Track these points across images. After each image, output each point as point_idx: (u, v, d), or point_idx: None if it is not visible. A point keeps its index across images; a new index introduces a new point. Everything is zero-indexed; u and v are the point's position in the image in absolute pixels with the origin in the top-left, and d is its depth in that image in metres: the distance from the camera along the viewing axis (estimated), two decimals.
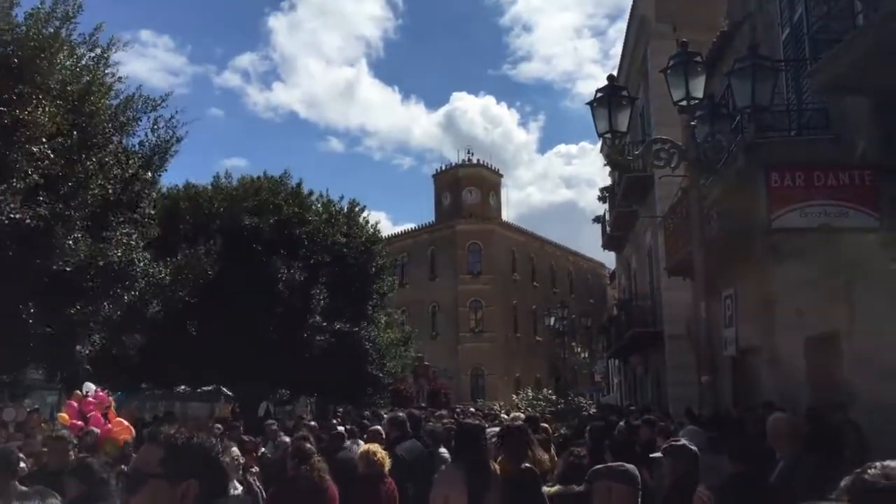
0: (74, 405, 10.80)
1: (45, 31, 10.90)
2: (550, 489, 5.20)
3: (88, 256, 11.40)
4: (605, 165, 26.96)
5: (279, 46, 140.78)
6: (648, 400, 21.92)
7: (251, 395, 23.55)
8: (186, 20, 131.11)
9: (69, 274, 11.27)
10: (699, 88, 8.46)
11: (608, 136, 8.41)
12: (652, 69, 17.98)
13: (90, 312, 12.25)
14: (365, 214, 26.12)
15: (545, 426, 10.23)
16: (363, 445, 6.49)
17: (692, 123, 8.62)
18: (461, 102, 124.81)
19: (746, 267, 11.21)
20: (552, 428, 11.88)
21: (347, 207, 25.58)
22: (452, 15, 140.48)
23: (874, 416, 7.16)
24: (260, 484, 6.74)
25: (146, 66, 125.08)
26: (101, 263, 11.76)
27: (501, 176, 64.31)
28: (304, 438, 7.57)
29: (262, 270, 20.50)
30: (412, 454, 7.12)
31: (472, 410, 22.47)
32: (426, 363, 33.02)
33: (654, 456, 4.18)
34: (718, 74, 11.75)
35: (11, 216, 10.09)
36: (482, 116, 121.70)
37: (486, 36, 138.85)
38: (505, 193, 64.79)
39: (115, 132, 12.51)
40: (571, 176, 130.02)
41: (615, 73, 24.49)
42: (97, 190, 11.37)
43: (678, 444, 4.21)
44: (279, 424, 14.50)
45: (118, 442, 10.55)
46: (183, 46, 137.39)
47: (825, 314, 8.64)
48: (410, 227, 64.24)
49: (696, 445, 6.35)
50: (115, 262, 12.08)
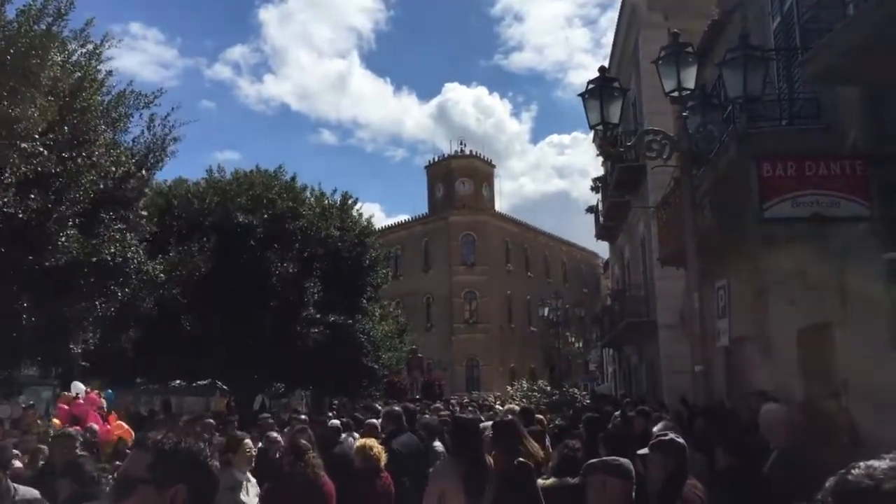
0: (65, 408, 10.75)
1: (36, 27, 10.83)
2: (545, 482, 5.22)
3: (81, 253, 11.35)
4: (597, 156, 26.98)
5: (270, 38, 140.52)
6: (643, 389, 22.01)
7: (246, 388, 23.55)
8: (176, 13, 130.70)
9: (62, 270, 11.22)
10: (691, 79, 8.47)
11: (600, 127, 8.41)
12: (643, 58, 17.97)
13: (84, 309, 12.22)
14: (358, 207, 26.13)
15: (540, 417, 10.26)
16: (360, 440, 6.49)
17: (684, 114, 8.62)
18: (453, 93, 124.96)
19: (739, 257, 11.24)
20: (547, 419, 11.91)
21: (340, 200, 25.54)
22: (444, 5, 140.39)
23: (867, 404, 7.21)
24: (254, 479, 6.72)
25: (136, 59, 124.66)
26: (93, 260, 11.72)
27: (494, 166, 64.40)
28: (302, 431, 7.59)
29: (255, 265, 20.46)
30: (408, 448, 7.16)
31: (467, 402, 22.56)
32: (420, 355, 33.02)
33: (641, 453, 4.18)
34: (710, 63, 11.75)
35: (3, 210, 10.04)
36: (474, 107, 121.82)
37: (477, 26, 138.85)
38: (498, 184, 65.08)
39: (107, 128, 12.43)
40: (564, 166, 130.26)
41: (606, 62, 24.62)
42: (89, 185, 11.31)
43: (666, 438, 4.22)
44: (275, 418, 14.52)
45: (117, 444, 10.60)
46: (173, 39, 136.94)
47: (817, 304, 8.67)
48: (404, 218, 64.38)
49: None
50: (108, 258, 12.03)
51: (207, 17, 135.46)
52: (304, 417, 13.77)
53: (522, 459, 5.05)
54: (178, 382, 24.39)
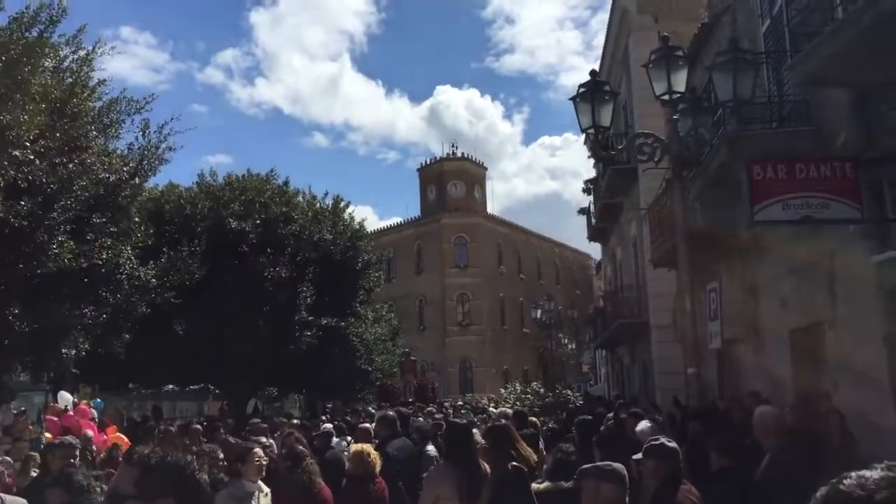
0: (55, 420, 10.68)
1: (28, 34, 10.80)
2: (539, 486, 5.23)
3: (72, 259, 11.31)
4: (589, 157, 27.04)
5: (261, 42, 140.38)
6: (636, 390, 22.05)
7: (239, 392, 23.51)
8: (167, 16, 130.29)
9: (53, 276, 11.19)
10: (681, 82, 8.49)
11: (592, 131, 8.43)
12: (634, 61, 18.02)
13: (75, 315, 12.18)
14: (350, 210, 26.12)
15: (533, 420, 10.27)
16: (354, 445, 6.49)
17: (675, 117, 8.65)
18: (445, 96, 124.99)
19: (730, 259, 11.29)
20: (540, 422, 11.93)
21: (332, 204, 25.53)
22: (435, 8, 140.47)
23: (858, 405, 7.25)
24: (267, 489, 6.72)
25: (128, 63, 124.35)
26: (84, 265, 11.68)
27: (486, 169, 64.39)
28: (289, 437, 7.59)
29: (248, 269, 20.43)
30: (403, 452, 7.16)
31: (460, 405, 22.55)
32: (413, 358, 32.98)
33: (636, 458, 4.19)
34: (700, 66, 11.81)
35: None
36: (466, 109, 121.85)
37: (468, 29, 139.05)
38: (490, 186, 65.09)
39: (98, 134, 12.39)
40: (556, 167, 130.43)
41: (597, 64, 24.69)
42: (80, 192, 11.27)
43: (657, 443, 4.23)
44: (268, 423, 14.47)
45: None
46: (164, 43, 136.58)
47: (808, 305, 8.72)
48: (396, 221, 64.30)
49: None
50: (99, 263, 12.00)
51: (199, 20, 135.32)
52: (296, 422, 13.77)
53: (516, 464, 5.06)
54: (170, 387, 24.32)
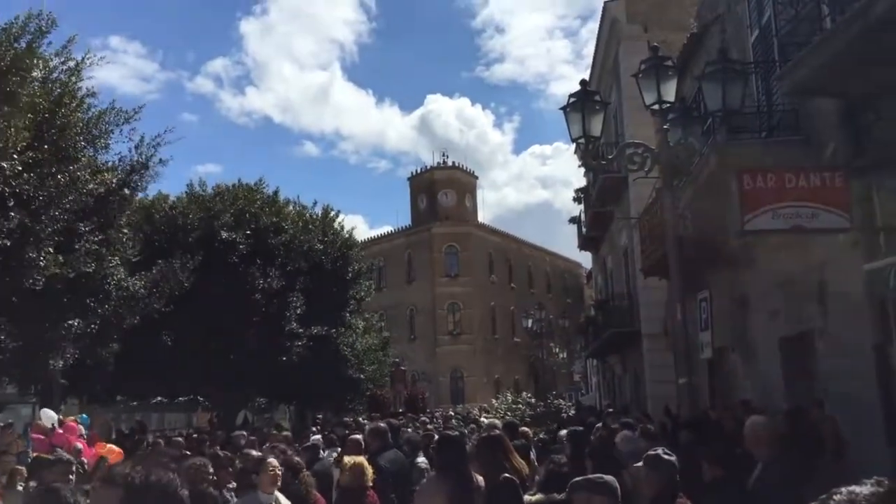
0: (43, 438, 10.59)
1: (17, 45, 10.76)
2: (532, 498, 5.20)
3: (59, 270, 11.22)
4: (579, 166, 27.09)
5: (252, 51, 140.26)
6: (627, 399, 22.05)
7: (229, 404, 23.37)
8: (156, 26, 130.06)
9: (40, 288, 11.09)
10: (671, 92, 8.53)
11: (582, 141, 8.44)
12: (624, 70, 18.11)
13: (62, 325, 12.09)
14: (340, 220, 26.09)
15: (525, 430, 10.23)
16: (347, 457, 6.45)
17: (665, 127, 8.67)
18: (436, 105, 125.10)
19: (720, 268, 11.32)
20: (532, 432, 11.90)
21: (322, 213, 25.49)
22: (425, 17, 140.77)
23: (849, 413, 7.26)
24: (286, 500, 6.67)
25: (117, 72, 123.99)
26: (71, 275, 11.59)
27: (476, 178, 64.53)
28: (273, 449, 7.55)
29: (238, 280, 20.35)
30: (395, 465, 7.12)
31: (451, 415, 22.48)
32: (403, 368, 32.92)
33: (636, 466, 4.18)
34: (689, 76, 11.86)
35: None
36: (457, 118, 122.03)
37: (459, 38, 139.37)
38: (481, 195, 65.02)
39: (87, 145, 12.31)
40: (547, 176, 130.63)
41: (587, 74, 24.77)
42: (69, 205, 11.20)
43: (653, 454, 4.22)
44: (257, 434, 14.36)
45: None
46: (154, 52, 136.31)
47: (799, 314, 8.74)
48: (387, 230, 64.31)
49: (632, 452, 6.43)
50: (87, 271, 11.91)
51: (188, 30, 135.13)
52: (287, 434, 13.67)
53: (508, 475, 5.03)
54: (159, 399, 24.16)
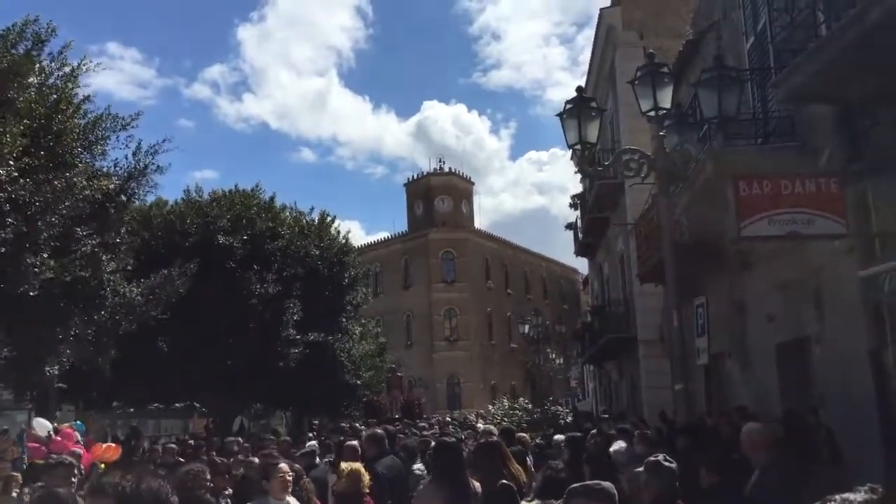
0: (43, 449, 10.61)
1: (13, 51, 10.76)
2: None
3: (54, 275, 11.19)
4: (576, 172, 27.12)
5: (249, 57, 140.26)
6: (623, 405, 22.04)
7: (225, 409, 23.32)
8: (154, 32, 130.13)
9: (36, 294, 11.07)
10: (667, 99, 8.55)
11: (578, 147, 8.46)
12: (620, 76, 18.15)
13: (59, 331, 12.06)
14: (336, 225, 26.09)
15: (523, 436, 10.22)
16: (344, 464, 6.44)
17: (661, 133, 8.70)
18: (432, 111, 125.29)
19: (717, 274, 11.33)
20: (530, 437, 11.89)
21: (318, 219, 25.49)
22: (422, 24, 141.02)
23: (845, 419, 7.27)
24: None
25: (114, 78, 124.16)
26: (67, 279, 11.56)
27: (473, 184, 64.57)
28: (267, 456, 7.53)
29: (234, 285, 20.33)
30: (392, 470, 7.11)
31: (448, 420, 22.47)
32: (399, 374, 32.88)
33: (636, 471, 4.19)
34: (685, 82, 11.89)
35: None
36: (453, 125, 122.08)
37: (456, 45, 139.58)
38: (477, 201, 65.23)
39: (83, 151, 12.29)
40: (543, 182, 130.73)
41: (584, 80, 24.81)
42: (65, 211, 11.18)
43: (654, 460, 4.23)
44: (251, 439, 14.33)
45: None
46: (151, 59, 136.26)
47: (795, 320, 8.76)
48: (383, 236, 64.32)
49: (624, 460, 6.45)
50: (82, 279, 11.88)
51: (186, 36, 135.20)
52: (286, 439, 13.64)
53: (506, 482, 5.03)
54: (155, 405, 24.10)
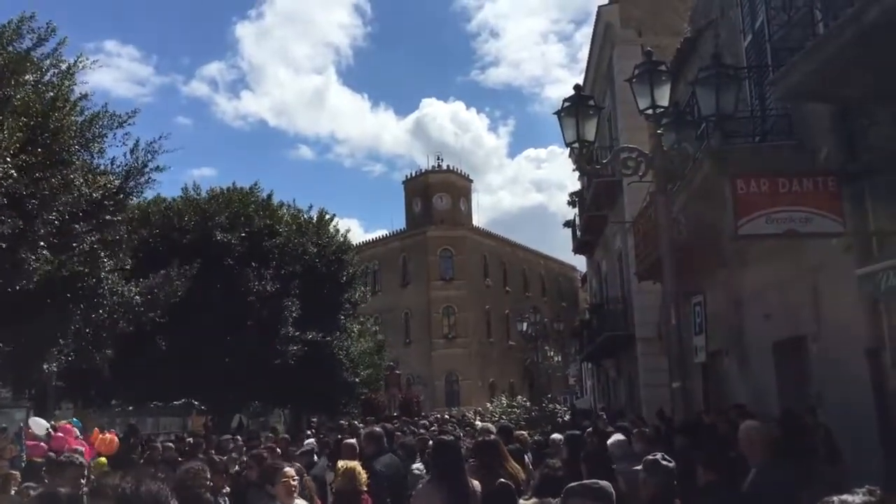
0: (43, 445, 10.66)
1: (10, 48, 10.74)
2: (526, 502, 5.20)
3: (52, 270, 11.20)
4: (574, 170, 27.13)
5: (247, 55, 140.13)
6: (621, 403, 22.06)
7: (224, 407, 23.32)
8: (152, 29, 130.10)
9: (33, 291, 11.07)
10: (664, 97, 8.54)
11: (576, 145, 8.45)
12: (618, 74, 18.14)
13: (57, 328, 12.07)
14: (335, 223, 26.08)
15: (521, 435, 10.22)
16: (341, 462, 6.44)
17: (658, 132, 8.69)
18: (431, 108, 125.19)
19: (714, 272, 11.34)
20: (528, 434, 11.88)
21: (317, 217, 25.48)
22: (420, 21, 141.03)
23: (842, 418, 7.28)
24: None
25: (111, 76, 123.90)
26: (65, 275, 11.56)
27: (471, 181, 64.56)
28: (257, 456, 7.55)
29: (233, 283, 20.32)
30: (390, 468, 7.11)
31: (446, 418, 22.47)
32: (398, 371, 32.90)
33: (636, 469, 4.20)
34: (683, 80, 11.89)
35: None
36: (452, 122, 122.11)
37: (454, 42, 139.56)
38: (476, 198, 65.26)
39: (81, 149, 12.28)
40: (542, 179, 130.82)
41: (582, 78, 24.82)
42: (62, 207, 11.18)
43: (652, 459, 4.24)
44: (246, 437, 14.37)
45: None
46: (149, 56, 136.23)
47: (792, 318, 8.77)
48: (382, 233, 64.30)
49: (620, 455, 6.46)
50: (80, 275, 11.88)
51: (184, 33, 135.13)
52: (286, 437, 13.68)
53: (504, 480, 5.04)
54: (154, 403, 24.09)
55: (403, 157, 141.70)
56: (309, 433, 15.04)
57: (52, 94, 11.79)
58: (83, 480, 5.49)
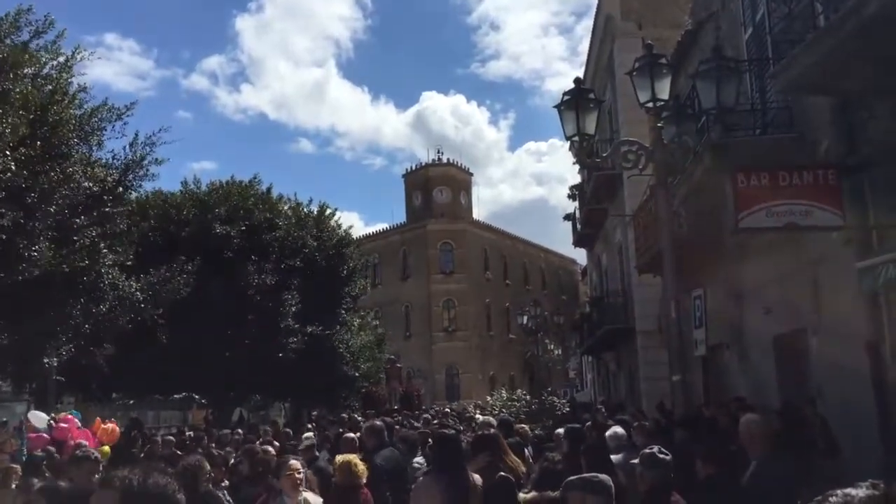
0: (45, 436, 10.68)
1: (8, 41, 10.72)
2: (526, 496, 5.21)
3: (53, 264, 11.19)
4: (574, 163, 27.09)
5: (247, 48, 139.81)
6: (622, 396, 22.09)
7: (224, 401, 23.35)
8: (152, 23, 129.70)
9: (34, 285, 11.07)
10: (665, 90, 8.52)
11: (576, 138, 8.44)
12: (618, 67, 18.11)
13: (57, 322, 12.07)
14: (336, 218, 26.06)
15: (522, 428, 10.23)
16: (339, 456, 6.44)
17: (659, 125, 8.68)
18: (431, 102, 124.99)
19: (715, 265, 11.34)
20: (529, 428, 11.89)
21: (317, 210, 25.46)
22: (421, 14, 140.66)
23: (841, 411, 7.29)
24: (230, 498, 6.62)
25: (112, 69, 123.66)
26: (66, 269, 11.56)
27: (472, 175, 64.47)
28: (249, 451, 7.56)
29: (233, 277, 20.31)
30: (390, 462, 7.12)
31: (447, 411, 22.49)
32: (399, 365, 32.92)
33: (632, 462, 4.20)
34: (683, 73, 11.86)
35: None
36: (452, 115, 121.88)
37: (454, 35, 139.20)
38: (476, 192, 65.19)
39: (80, 142, 12.26)
40: (542, 173, 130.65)
41: (582, 70, 24.77)
42: (62, 200, 11.17)
43: (648, 452, 4.24)
44: (251, 430, 14.38)
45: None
46: (149, 49, 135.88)
47: (792, 311, 8.77)
48: (382, 227, 64.28)
49: (614, 448, 6.48)
50: (81, 266, 11.87)
51: (184, 27, 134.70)
52: (287, 431, 13.70)
53: (504, 474, 5.04)
54: (155, 397, 24.14)
55: (404, 150, 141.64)
56: (309, 426, 15.06)
57: (50, 87, 11.76)
58: (96, 476, 5.50)
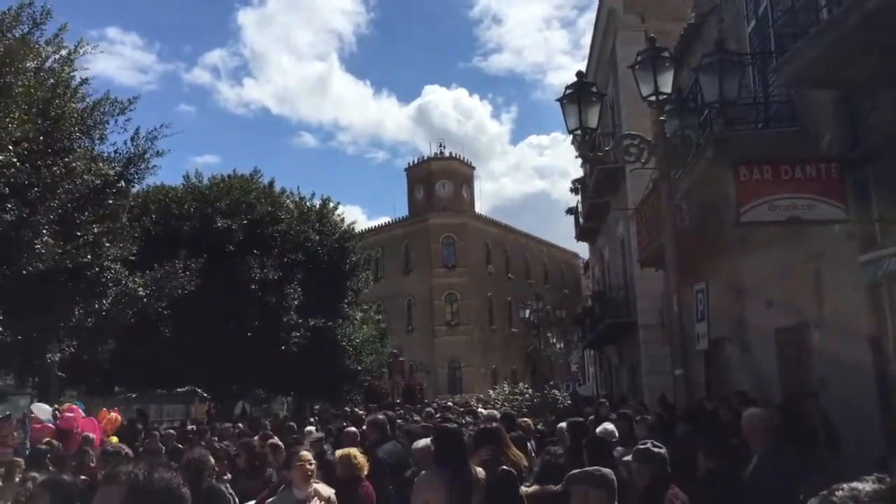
0: (50, 426, 10.74)
1: (9, 34, 10.72)
2: (528, 489, 5.22)
3: (56, 259, 11.21)
4: (576, 157, 27.05)
5: (249, 42, 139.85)
6: (624, 390, 22.09)
7: (227, 395, 23.40)
8: (154, 17, 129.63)
9: (37, 279, 11.09)
10: (667, 83, 8.49)
11: (578, 132, 8.42)
12: (621, 60, 18.05)
13: (59, 316, 12.09)
14: (339, 212, 26.05)
15: (525, 421, 10.23)
16: (341, 450, 6.45)
17: (661, 118, 8.66)
18: (433, 95, 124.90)
19: (717, 259, 11.33)
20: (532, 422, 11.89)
21: (320, 205, 25.45)
22: (423, 8, 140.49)
23: (843, 404, 7.29)
24: (233, 491, 6.63)
25: (114, 63, 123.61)
26: (69, 265, 11.57)
27: (474, 168, 64.37)
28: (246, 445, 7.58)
29: (235, 271, 20.33)
30: (393, 456, 7.13)
31: (449, 405, 22.51)
32: (401, 358, 32.94)
33: (626, 460, 4.20)
34: (686, 66, 11.83)
35: None
36: (455, 109, 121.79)
37: (456, 29, 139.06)
38: (478, 185, 65.15)
39: (82, 136, 12.27)
40: (544, 166, 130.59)
41: (585, 64, 24.71)
42: (65, 196, 11.17)
43: (641, 448, 4.24)
44: (255, 424, 14.41)
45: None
46: (151, 44, 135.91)
47: (795, 305, 8.76)
48: (384, 220, 64.21)
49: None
50: (84, 262, 11.89)
51: (186, 21, 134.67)
52: (291, 424, 13.72)
53: (506, 468, 5.04)
54: (157, 390, 24.17)
55: (406, 144, 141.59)
56: (311, 420, 15.08)
57: (52, 81, 11.77)
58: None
